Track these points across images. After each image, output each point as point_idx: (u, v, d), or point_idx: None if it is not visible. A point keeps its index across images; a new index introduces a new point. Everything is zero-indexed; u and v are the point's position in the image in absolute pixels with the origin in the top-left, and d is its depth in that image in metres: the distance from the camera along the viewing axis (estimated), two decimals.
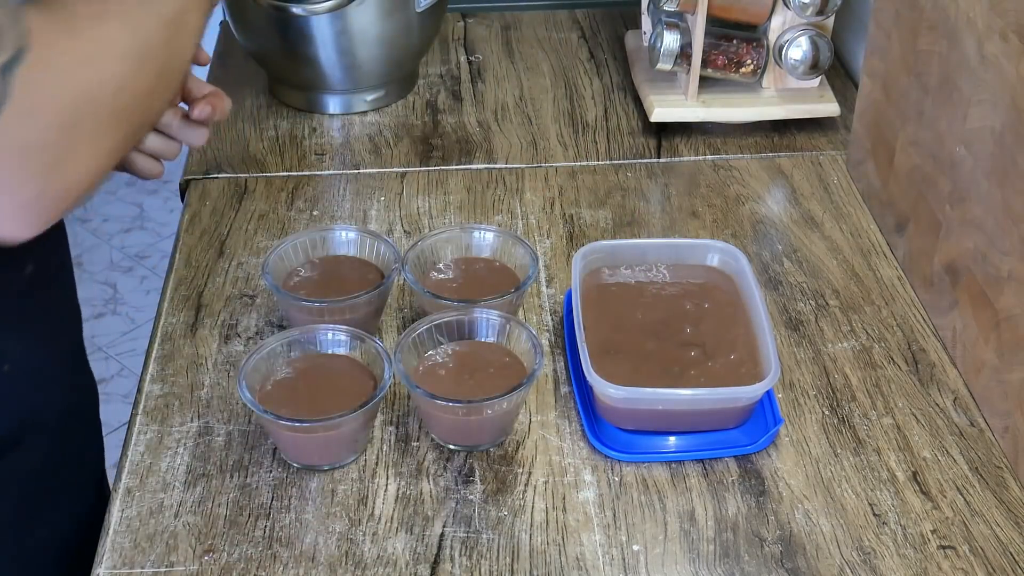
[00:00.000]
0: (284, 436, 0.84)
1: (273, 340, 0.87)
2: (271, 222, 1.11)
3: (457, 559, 0.80)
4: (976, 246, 0.90)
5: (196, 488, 0.84)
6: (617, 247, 0.98)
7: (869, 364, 0.95)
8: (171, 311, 1.01)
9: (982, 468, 0.86)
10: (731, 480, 0.85)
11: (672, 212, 1.14)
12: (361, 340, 0.88)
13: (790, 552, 0.80)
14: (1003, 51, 0.85)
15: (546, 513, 0.83)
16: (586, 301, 0.92)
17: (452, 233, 0.99)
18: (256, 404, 0.82)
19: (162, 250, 2.60)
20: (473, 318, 0.90)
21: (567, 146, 1.23)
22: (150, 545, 0.80)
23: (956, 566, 0.79)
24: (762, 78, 1.23)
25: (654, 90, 1.25)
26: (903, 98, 1.03)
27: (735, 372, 0.88)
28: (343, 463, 0.86)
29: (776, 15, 1.20)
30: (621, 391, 0.84)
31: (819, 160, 1.21)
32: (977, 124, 0.89)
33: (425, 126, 1.27)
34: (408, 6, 1.21)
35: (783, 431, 0.89)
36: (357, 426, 0.84)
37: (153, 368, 0.95)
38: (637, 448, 0.87)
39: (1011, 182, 0.84)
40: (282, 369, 0.87)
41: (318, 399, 0.85)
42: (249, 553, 0.80)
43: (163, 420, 0.90)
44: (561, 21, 1.48)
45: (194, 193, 1.16)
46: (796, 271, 1.05)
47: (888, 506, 0.83)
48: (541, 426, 0.90)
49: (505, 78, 1.36)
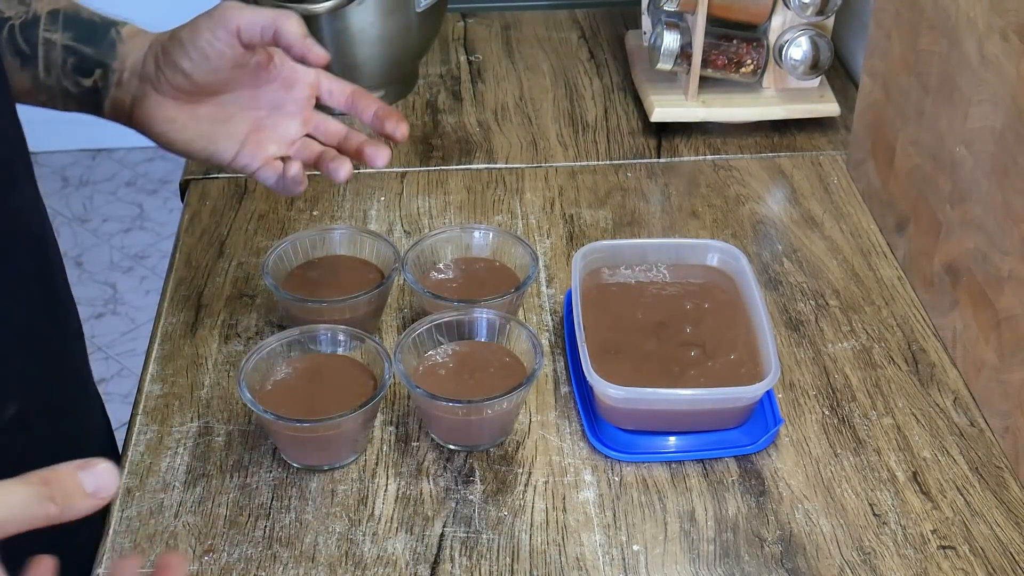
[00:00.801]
0: (284, 436, 0.84)
1: (273, 340, 0.87)
2: (271, 222, 1.11)
3: (457, 559, 0.80)
4: (976, 246, 0.90)
5: (196, 488, 0.84)
6: (617, 247, 0.98)
7: (869, 364, 0.95)
8: (171, 311, 1.01)
9: (982, 468, 0.86)
10: (731, 480, 0.85)
11: (672, 212, 1.14)
12: (361, 340, 0.88)
13: (790, 552, 0.80)
14: (1003, 51, 0.85)
15: (546, 513, 0.83)
16: (586, 301, 0.92)
17: (452, 233, 0.99)
18: (256, 404, 0.82)
19: (162, 250, 2.60)
20: (473, 318, 0.90)
21: (567, 146, 1.23)
22: (150, 545, 0.80)
23: (956, 566, 0.79)
24: (762, 78, 1.23)
25: (654, 90, 1.25)
26: (903, 98, 1.03)
27: (735, 372, 0.88)
28: (343, 463, 0.86)
29: (776, 15, 1.20)
30: (621, 391, 0.84)
31: (819, 160, 1.21)
32: (977, 124, 0.89)
33: (425, 126, 1.27)
34: (408, 6, 1.21)
35: (783, 431, 0.89)
36: (357, 426, 0.84)
37: (153, 368, 0.95)
38: (637, 448, 0.87)
39: (1011, 182, 0.84)
40: (282, 369, 0.87)
41: (318, 399, 0.84)
42: (249, 553, 0.80)
43: (163, 420, 0.90)
44: (561, 21, 1.48)
45: (194, 193, 1.16)
46: (796, 271, 1.05)
47: (888, 506, 0.83)
48: (541, 426, 0.90)
49: (505, 78, 1.36)
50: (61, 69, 0.82)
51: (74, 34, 0.82)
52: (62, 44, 0.81)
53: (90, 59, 0.82)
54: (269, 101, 0.85)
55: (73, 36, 0.81)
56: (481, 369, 0.87)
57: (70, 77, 0.82)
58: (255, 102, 0.84)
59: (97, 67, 0.81)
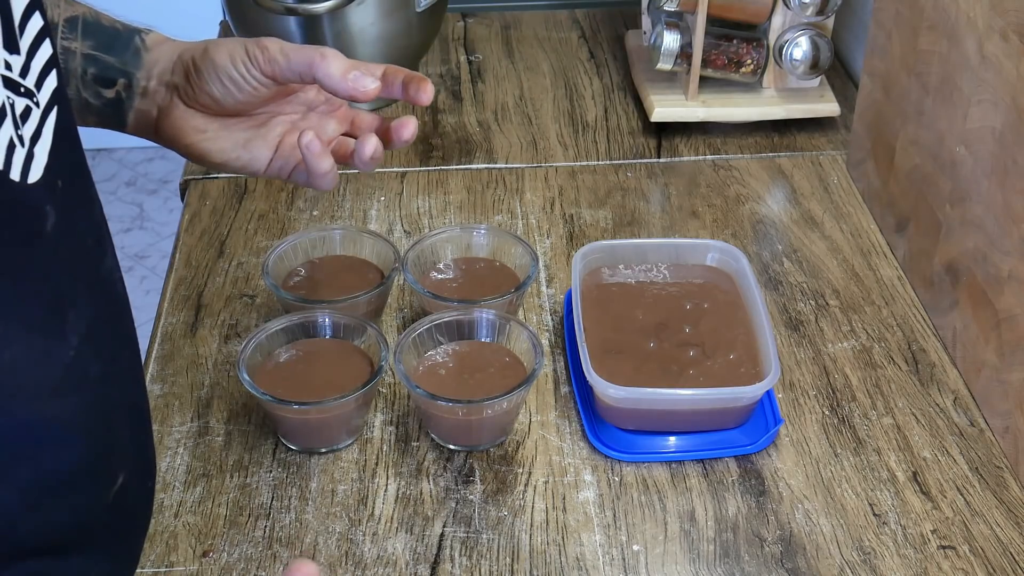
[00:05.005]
0: (283, 418, 0.85)
1: (273, 324, 0.88)
2: (271, 222, 1.11)
3: (457, 559, 0.80)
4: (976, 246, 0.90)
5: (196, 488, 0.84)
6: (617, 247, 0.98)
7: (869, 364, 0.95)
8: (171, 311, 1.01)
9: (982, 468, 0.86)
10: (731, 480, 0.85)
11: (672, 212, 1.14)
12: (360, 326, 0.89)
13: (790, 552, 0.80)
14: (1003, 51, 0.85)
15: (546, 513, 0.83)
16: (586, 301, 0.92)
17: (452, 233, 0.99)
18: (254, 386, 0.83)
19: (162, 250, 2.59)
20: (473, 318, 0.90)
21: (567, 146, 1.23)
22: (150, 545, 0.80)
23: (956, 566, 0.79)
24: (762, 78, 1.23)
25: (654, 90, 1.25)
26: (903, 98, 1.03)
27: (735, 372, 0.88)
28: (340, 446, 0.87)
29: (776, 15, 1.20)
30: (621, 391, 0.84)
31: (819, 160, 1.21)
32: (977, 124, 0.89)
33: (425, 126, 1.27)
34: (408, 6, 1.21)
35: (783, 431, 0.89)
36: (352, 409, 0.85)
37: (153, 368, 0.95)
38: (637, 448, 0.87)
39: (1011, 182, 0.84)
40: (282, 353, 0.88)
41: (316, 382, 0.85)
42: (249, 553, 0.80)
43: (163, 420, 0.90)
44: (561, 21, 1.48)
45: (194, 193, 1.16)
46: (796, 271, 1.05)
47: (888, 506, 0.83)
48: (541, 426, 0.90)
49: (505, 78, 1.36)
50: (80, 80, 0.76)
51: (94, 42, 0.77)
52: (82, 53, 0.76)
53: (112, 68, 0.77)
54: (303, 101, 0.81)
55: (93, 44, 0.76)
56: (481, 369, 0.87)
57: (90, 88, 0.77)
58: (289, 105, 0.81)
59: (120, 77, 0.77)
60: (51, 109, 0.53)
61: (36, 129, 0.52)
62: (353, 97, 0.74)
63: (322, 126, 0.81)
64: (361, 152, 0.77)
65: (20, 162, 0.50)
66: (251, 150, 0.79)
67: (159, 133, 0.79)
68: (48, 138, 0.52)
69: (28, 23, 0.52)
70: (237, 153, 0.79)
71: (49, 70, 0.54)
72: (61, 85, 0.54)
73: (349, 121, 0.82)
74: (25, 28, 0.52)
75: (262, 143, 0.79)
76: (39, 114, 0.52)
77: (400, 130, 0.77)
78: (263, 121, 0.80)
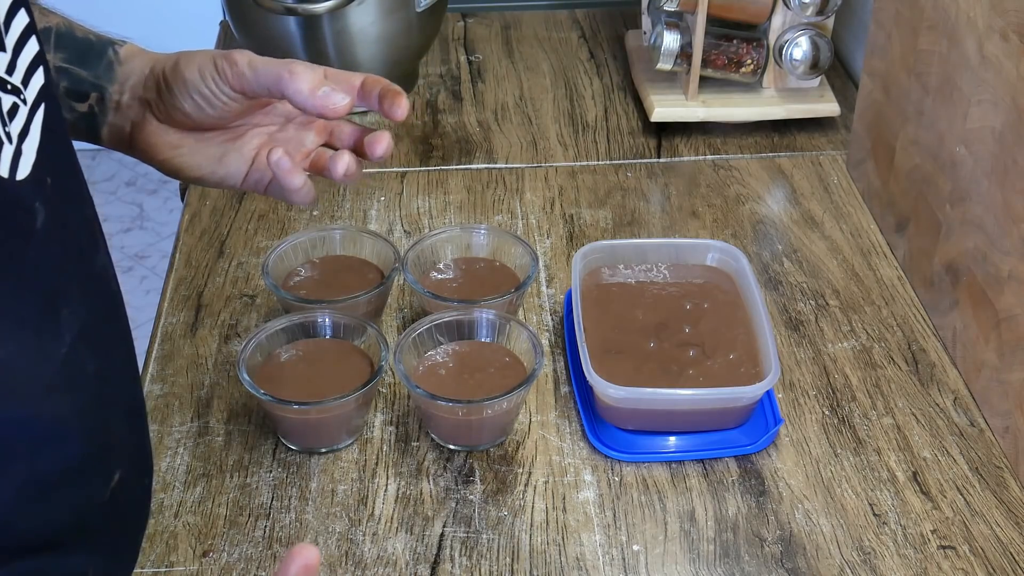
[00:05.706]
0: (283, 418, 0.85)
1: (273, 324, 0.88)
2: (271, 222, 1.11)
3: (457, 559, 0.80)
4: (976, 246, 0.90)
5: (196, 488, 0.84)
6: (617, 247, 0.98)
7: (869, 364, 0.95)
8: (171, 311, 1.01)
9: (982, 468, 0.86)
10: (731, 480, 0.85)
11: (672, 212, 1.14)
12: (360, 326, 0.89)
13: (790, 552, 0.80)
14: (1003, 51, 0.85)
15: (546, 513, 0.83)
16: (586, 301, 0.92)
17: (452, 233, 0.99)
18: (255, 386, 0.83)
19: (162, 250, 2.59)
20: (473, 318, 0.90)
21: (567, 146, 1.23)
22: (150, 545, 0.80)
23: (956, 566, 0.79)
24: (762, 78, 1.23)
25: (654, 90, 1.25)
26: (903, 98, 1.03)
27: (735, 372, 0.88)
28: (340, 446, 0.87)
29: (776, 15, 1.20)
30: (621, 391, 0.84)
31: (819, 160, 1.21)
32: (977, 124, 0.89)
33: (425, 126, 1.27)
34: (408, 6, 1.21)
35: (783, 431, 0.89)
36: (351, 410, 0.85)
37: (153, 368, 0.95)
38: (637, 448, 0.87)
39: (1011, 182, 0.84)
40: (282, 353, 0.88)
41: (316, 382, 0.85)
42: (249, 553, 0.80)
43: (163, 420, 0.90)
44: (561, 21, 1.48)
45: (194, 193, 1.16)
46: (796, 271, 1.05)
47: (888, 506, 0.83)
48: (541, 426, 0.90)
49: (505, 78, 1.36)
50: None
51: (67, 55, 0.75)
52: (54, 65, 0.74)
53: (85, 82, 0.75)
54: (281, 112, 0.80)
55: (65, 57, 0.75)
56: (481, 369, 0.87)
57: (63, 102, 0.74)
58: (267, 117, 0.79)
59: (93, 90, 0.75)
60: (39, 106, 0.53)
61: (24, 126, 0.51)
62: (323, 114, 0.73)
63: (300, 138, 0.80)
64: (333, 170, 0.76)
65: (8, 159, 0.49)
66: (226, 165, 0.78)
67: (133, 147, 0.78)
68: (36, 135, 0.52)
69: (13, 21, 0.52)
70: (212, 168, 0.78)
71: (36, 67, 0.53)
72: (48, 82, 0.54)
73: (328, 132, 0.80)
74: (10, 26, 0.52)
75: (237, 157, 0.78)
76: (26, 111, 0.52)
77: (373, 146, 0.76)
78: (239, 134, 0.78)
